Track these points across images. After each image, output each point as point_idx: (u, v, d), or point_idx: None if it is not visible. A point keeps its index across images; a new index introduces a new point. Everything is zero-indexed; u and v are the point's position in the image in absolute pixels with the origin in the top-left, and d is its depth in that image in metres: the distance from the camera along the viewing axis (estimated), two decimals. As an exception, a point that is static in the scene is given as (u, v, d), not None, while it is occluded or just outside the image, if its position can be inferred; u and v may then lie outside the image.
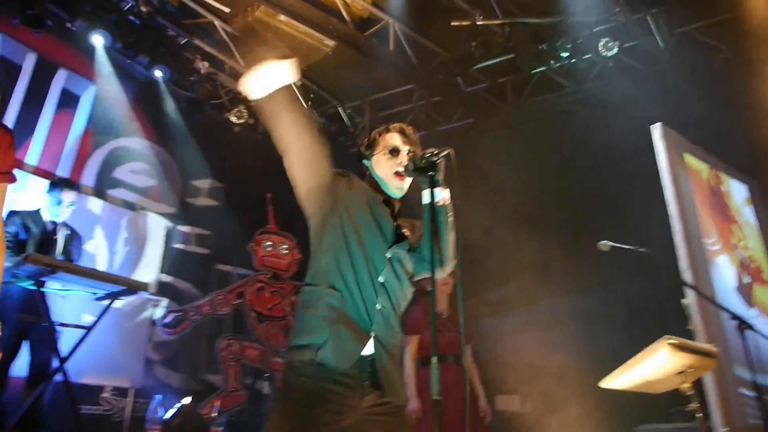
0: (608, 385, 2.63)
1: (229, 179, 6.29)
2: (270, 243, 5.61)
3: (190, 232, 5.73)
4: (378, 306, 1.95)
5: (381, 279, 1.97)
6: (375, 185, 2.15)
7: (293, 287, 5.60)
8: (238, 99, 6.42)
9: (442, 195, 2.01)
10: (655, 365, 2.46)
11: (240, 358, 5.10)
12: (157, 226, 5.57)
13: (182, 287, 5.27)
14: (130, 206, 5.45)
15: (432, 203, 2.00)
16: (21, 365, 3.83)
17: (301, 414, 1.86)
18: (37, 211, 4.08)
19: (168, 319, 4.97)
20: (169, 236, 5.62)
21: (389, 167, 2.10)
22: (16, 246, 3.83)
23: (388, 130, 2.18)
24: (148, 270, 5.37)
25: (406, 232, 2.12)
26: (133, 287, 3.91)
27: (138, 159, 5.79)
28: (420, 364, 3.71)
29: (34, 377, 3.84)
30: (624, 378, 2.57)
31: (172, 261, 5.51)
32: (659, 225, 4.21)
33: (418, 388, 3.60)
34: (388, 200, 2.14)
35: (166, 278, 5.25)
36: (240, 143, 6.45)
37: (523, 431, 4.76)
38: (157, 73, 5.84)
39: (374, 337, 1.93)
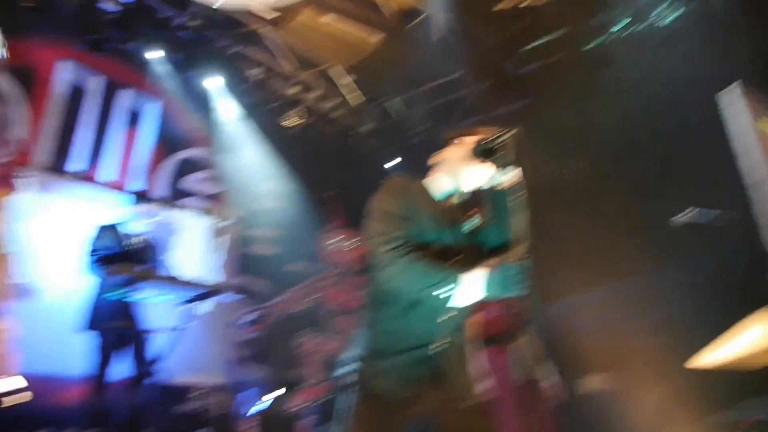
0: (700, 364, 2.56)
1: (293, 180, 6.46)
2: (338, 239, 5.74)
3: (261, 234, 5.94)
4: (445, 316, 1.98)
5: (447, 288, 1.95)
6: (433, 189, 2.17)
7: (364, 280, 5.67)
8: (290, 103, 6.58)
9: (508, 176, 2.02)
10: (753, 339, 2.39)
11: (320, 351, 5.24)
12: (229, 230, 5.80)
13: (258, 287, 5.47)
14: (202, 213, 5.70)
15: (496, 186, 2.02)
16: (117, 370, 4.08)
17: (374, 403, 1.96)
18: (120, 225, 4.33)
19: (248, 318, 5.16)
20: (241, 239, 5.84)
21: (462, 155, 2.11)
22: (105, 259, 4.06)
23: (470, 131, 2.17)
24: (226, 273, 5.61)
25: (477, 220, 2.14)
26: (213, 290, 4.11)
27: (205, 168, 6.05)
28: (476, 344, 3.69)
29: (130, 380, 4.10)
30: (717, 355, 2.50)
31: (247, 263, 5.72)
32: (737, 194, 4.06)
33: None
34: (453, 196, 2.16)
35: (243, 280, 5.47)
36: (298, 145, 6.60)
37: (607, 412, 4.70)
38: (213, 83, 6.06)
39: (440, 344, 1.98)
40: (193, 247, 5.43)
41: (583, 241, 5.13)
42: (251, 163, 6.36)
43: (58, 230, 4.73)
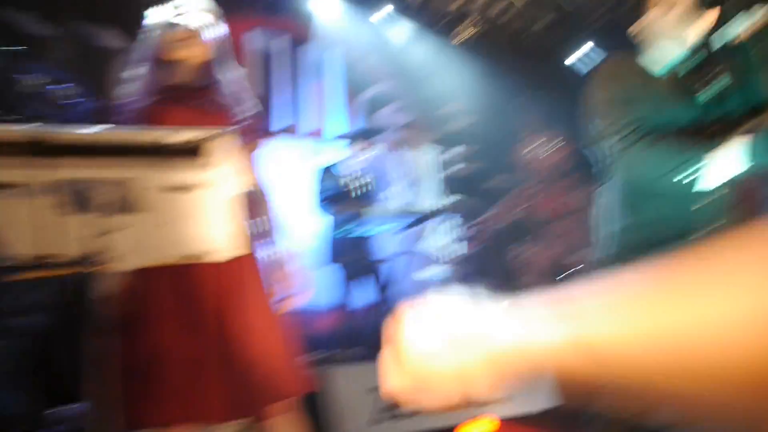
0: None
1: (479, 94, 6.35)
2: (537, 144, 5.55)
3: (459, 153, 5.97)
4: (699, 200, 1.78)
5: (695, 169, 1.72)
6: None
7: (571, 182, 5.46)
8: (460, 17, 6.38)
9: (749, 23, 1.72)
10: None
11: (540, 260, 5.22)
12: (430, 155, 5.96)
13: (468, 206, 5.54)
14: (401, 144, 5.91)
15: (735, 39, 1.72)
16: (359, 298, 4.49)
17: None
18: (339, 165, 4.66)
19: (464, 237, 5.29)
20: (442, 163, 5.96)
21: (678, 13, 1.79)
22: (330, 200, 4.42)
23: None
24: (436, 196, 5.81)
25: (717, 85, 1.86)
26: (429, 214, 4.28)
27: (393, 100, 6.18)
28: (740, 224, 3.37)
29: (369, 308, 4.49)
30: None
31: (452, 184, 5.83)
32: None
33: None
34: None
35: (451, 200, 5.60)
36: (476, 57, 6.43)
37: None
38: (382, 15, 6.10)
39: (699, 231, 1.78)
40: (401, 177, 5.66)
41: None
42: (436, 86, 6.38)
43: (289, 179, 5.19)
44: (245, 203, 1.94)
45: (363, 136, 4.87)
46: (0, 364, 2.89)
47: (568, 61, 6.90)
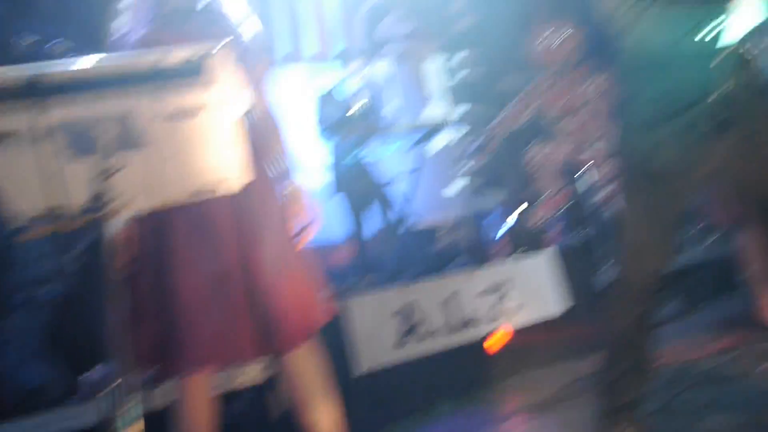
0: None
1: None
2: (546, 36, 5.16)
3: (461, 59, 5.65)
4: (719, 57, 1.63)
5: (715, 24, 1.59)
6: None
7: (583, 72, 5.15)
8: None
9: None
10: None
11: (552, 159, 5.05)
12: (433, 63, 5.70)
13: (478, 113, 5.28)
14: (405, 57, 5.60)
15: None
16: (371, 224, 4.40)
17: (654, 178, 1.75)
18: (336, 89, 4.44)
19: (471, 147, 5.09)
20: (449, 70, 5.67)
21: None
22: (332, 126, 4.23)
23: None
24: (438, 108, 5.59)
25: None
26: (435, 128, 4.12)
27: (394, 8, 5.73)
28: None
29: (384, 231, 4.40)
30: None
31: (455, 92, 5.57)
32: None
33: None
34: None
35: (455, 109, 5.35)
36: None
37: None
38: None
39: (720, 89, 1.65)
40: (405, 90, 5.41)
41: None
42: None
43: (292, 107, 4.90)
44: (257, 131, 1.80)
45: (362, 52, 4.60)
46: (23, 336, 2.85)
47: None
